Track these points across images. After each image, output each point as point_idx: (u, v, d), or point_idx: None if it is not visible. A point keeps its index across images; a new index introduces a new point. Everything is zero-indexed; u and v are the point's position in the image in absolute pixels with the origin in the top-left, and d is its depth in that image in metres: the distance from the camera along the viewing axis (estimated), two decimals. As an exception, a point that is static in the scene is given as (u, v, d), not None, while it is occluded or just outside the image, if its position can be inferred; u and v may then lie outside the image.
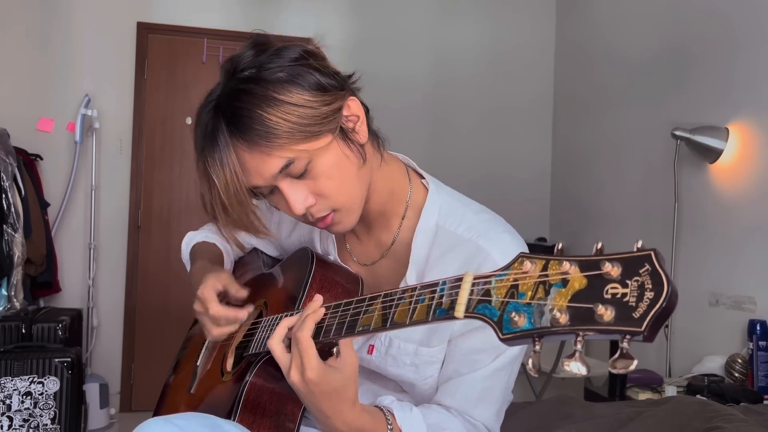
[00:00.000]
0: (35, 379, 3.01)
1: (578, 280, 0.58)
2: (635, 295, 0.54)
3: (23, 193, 3.51)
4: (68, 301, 3.93)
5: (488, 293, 0.66)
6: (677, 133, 3.14)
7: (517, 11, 4.68)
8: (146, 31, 4.13)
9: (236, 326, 1.14)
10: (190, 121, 4.16)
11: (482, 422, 1.07)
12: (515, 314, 0.61)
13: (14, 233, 3.38)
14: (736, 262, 3.00)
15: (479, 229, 1.05)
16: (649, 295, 0.53)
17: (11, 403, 2.97)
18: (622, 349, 0.54)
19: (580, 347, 0.56)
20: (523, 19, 4.69)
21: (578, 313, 0.57)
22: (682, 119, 3.29)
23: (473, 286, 0.68)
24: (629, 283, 0.55)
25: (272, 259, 1.38)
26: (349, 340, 0.93)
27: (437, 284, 0.75)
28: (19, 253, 3.39)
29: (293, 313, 0.99)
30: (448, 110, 4.57)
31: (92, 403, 3.55)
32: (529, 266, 0.62)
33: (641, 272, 0.55)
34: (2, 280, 3.35)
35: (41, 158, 3.89)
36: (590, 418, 1.98)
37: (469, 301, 0.68)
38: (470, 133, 4.58)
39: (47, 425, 3.00)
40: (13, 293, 3.39)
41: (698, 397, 2.51)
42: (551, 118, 4.73)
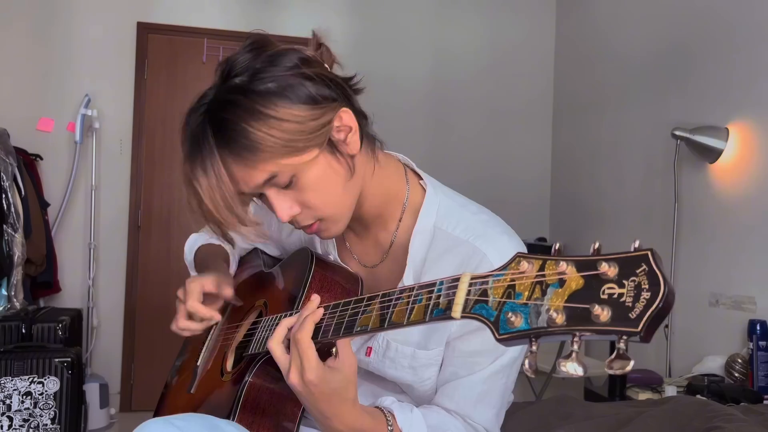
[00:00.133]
0: (35, 379, 3.01)
1: (575, 280, 0.57)
2: (632, 295, 0.54)
3: (23, 193, 3.51)
4: (68, 301, 3.93)
5: (485, 293, 0.66)
6: (677, 133, 3.14)
7: (517, 11, 4.68)
8: (146, 31, 4.13)
9: (204, 326, 1.16)
10: (189, 121, 4.16)
11: (482, 425, 1.07)
12: (512, 314, 0.61)
13: (14, 233, 3.38)
14: (736, 262, 3.00)
15: (476, 230, 1.05)
16: (645, 295, 0.53)
17: (11, 403, 2.97)
18: (618, 349, 0.54)
19: (576, 348, 0.55)
20: (523, 19, 4.69)
21: (575, 313, 0.56)
22: (682, 119, 3.29)
23: (470, 286, 0.68)
24: (626, 283, 0.55)
25: (272, 258, 1.38)
26: (347, 340, 0.93)
27: (434, 284, 0.75)
28: (19, 253, 3.39)
29: (293, 313, 0.99)
30: (448, 110, 4.57)
31: (92, 403, 3.55)
32: (526, 266, 0.62)
33: (638, 272, 0.54)
34: (2, 280, 3.35)
35: (41, 158, 3.89)
36: (590, 418, 1.98)
37: (466, 301, 0.68)
38: (470, 133, 4.58)
39: (47, 425, 3.00)
40: (13, 293, 3.39)
41: (698, 397, 2.51)
42: (551, 117, 4.73)
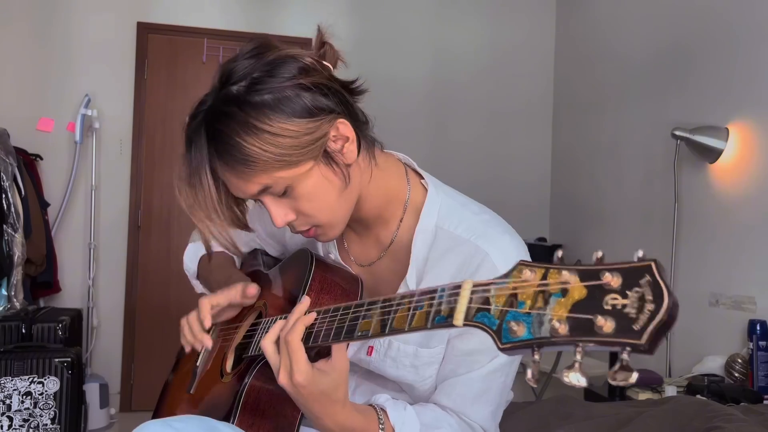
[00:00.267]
0: (35, 379, 3.00)
1: (578, 290, 0.57)
2: (635, 306, 0.54)
3: (23, 193, 3.51)
4: (68, 301, 3.93)
5: (487, 301, 0.65)
6: (677, 133, 3.14)
7: (517, 11, 4.67)
8: (146, 31, 4.12)
9: (196, 341, 1.15)
10: (189, 121, 4.16)
11: (478, 422, 1.07)
12: (514, 323, 0.61)
13: (14, 233, 3.38)
14: (736, 262, 2.99)
15: (478, 229, 1.05)
16: (649, 307, 0.53)
17: (11, 403, 2.97)
18: (622, 360, 0.53)
19: (579, 358, 0.55)
20: (523, 19, 4.68)
21: (578, 323, 0.56)
22: (682, 119, 3.29)
23: (472, 293, 0.68)
24: (629, 294, 0.54)
25: (272, 259, 1.38)
26: (343, 344, 0.93)
27: (436, 291, 0.75)
28: (19, 253, 3.38)
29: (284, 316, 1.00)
30: (448, 110, 4.56)
31: (92, 403, 3.55)
32: (528, 274, 0.61)
33: (641, 283, 0.54)
34: (2, 280, 3.35)
35: (41, 158, 3.89)
36: (590, 418, 1.98)
37: (468, 309, 0.67)
38: (470, 133, 4.58)
39: (47, 425, 3.00)
40: (13, 293, 3.39)
41: (698, 397, 2.51)
42: (551, 117, 4.73)
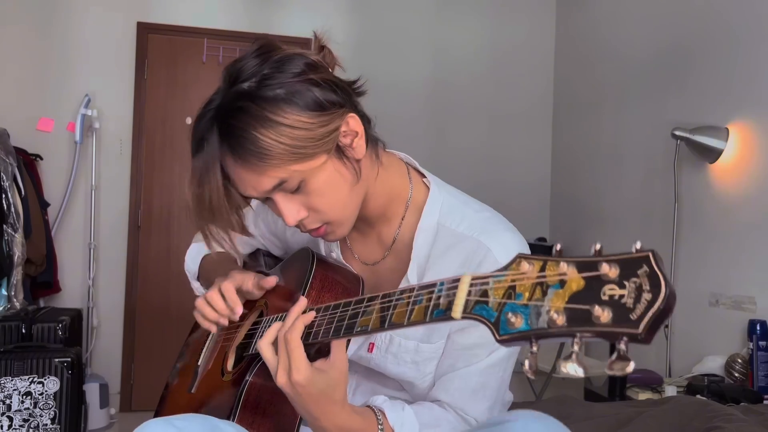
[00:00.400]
0: (35, 379, 3.00)
1: (576, 281, 0.57)
2: (633, 296, 0.54)
3: (23, 193, 3.51)
4: (68, 301, 3.93)
5: (486, 294, 0.66)
6: (677, 133, 3.14)
7: (517, 11, 4.67)
8: (146, 31, 4.12)
9: (221, 317, 1.13)
10: (190, 120, 4.16)
11: (474, 417, 1.07)
12: (512, 315, 0.61)
13: (14, 233, 3.38)
14: (736, 262, 3.00)
15: (480, 226, 1.06)
16: (646, 296, 0.53)
17: (11, 403, 2.96)
18: (619, 350, 0.53)
19: (577, 349, 0.55)
20: (522, 20, 4.69)
21: (575, 314, 0.56)
22: (682, 119, 3.29)
23: (471, 286, 0.68)
24: (627, 284, 0.55)
25: (274, 259, 1.38)
26: (342, 342, 0.93)
27: (435, 285, 0.75)
28: (19, 253, 3.38)
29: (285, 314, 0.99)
30: (448, 111, 4.56)
31: (92, 403, 3.55)
32: (526, 267, 0.62)
33: (639, 273, 0.54)
34: (2, 280, 3.35)
35: (41, 158, 3.89)
36: (590, 418, 1.98)
37: (466, 302, 0.68)
38: (470, 133, 4.58)
39: (47, 425, 2.99)
40: (13, 293, 3.39)
41: (698, 397, 2.51)
42: (551, 118, 4.73)
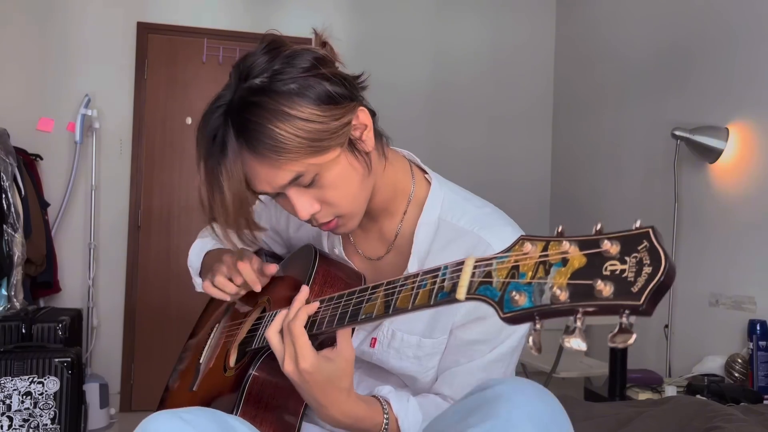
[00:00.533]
0: (35, 379, 3.00)
1: (578, 258, 0.58)
2: (633, 270, 0.55)
3: (23, 193, 3.51)
4: (68, 301, 3.93)
5: (489, 275, 0.66)
6: (677, 133, 3.15)
7: (516, 12, 4.68)
8: (146, 31, 4.13)
9: (238, 291, 1.14)
10: (190, 121, 4.16)
11: None
12: (516, 293, 0.62)
13: (14, 233, 3.38)
14: (735, 262, 3.00)
15: (481, 221, 1.07)
16: (647, 270, 0.54)
17: (11, 403, 2.96)
18: (621, 323, 0.54)
19: (579, 324, 0.56)
20: (522, 20, 4.69)
21: (578, 289, 0.57)
22: (682, 119, 3.30)
23: (475, 268, 0.69)
24: (628, 259, 0.56)
25: (276, 257, 1.38)
26: (347, 332, 0.94)
27: (439, 269, 0.76)
28: (19, 253, 3.38)
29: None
30: (448, 112, 4.57)
31: (92, 403, 3.54)
32: (529, 247, 0.63)
33: (639, 249, 0.55)
34: (2, 280, 3.35)
35: (41, 158, 3.89)
36: (590, 418, 1.98)
37: (470, 283, 0.68)
38: (470, 134, 4.58)
39: (47, 425, 2.99)
40: (13, 293, 3.39)
41: (698, 397, 2.51)
42: (551, 118, 4.74)
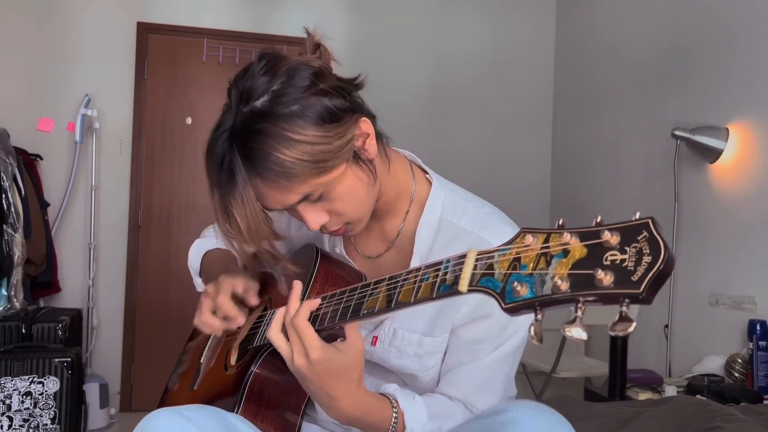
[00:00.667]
0: (35, 379, 3.00)
1: (578, 249, 0.59)
2: (633, 260, 0.56)
3: (23, 193, 3.51)
4: (68, 301, 3.93)
5: (491, 267, 0.67)
6: (677, 133, 3.15)
7: (516, 12, 4.69)
8: (146, 31, 4.13)
9: (226, 326, 1.13)
10: (190, 121, 4.17)
11: (482, 410, 1.08)
12: (517, 284, 0.62)
13: (14, 233, 3.38)
14: (735, 262, 3.00)
15: (481, 221, 1.08)
16: (647, 259, 0.55)
17: (11, 403, 2.96)
18: (621, 312, 0.55)
19: (580, 314, 0.57)
20: (522, 19, 4.70)
21: (579, 279, 0.58)
22: (682, 119, 3.30)
23: (477, 261, 0.70)
24: (628, 249, 0.56)
25: None
26: (355, 325, 0.94)
27: (441, 263, 0.76)
28: (19, 253, 3.39)
29: None
30: (448, 112, 4.57)
31: (92, 403, 3.55)
32: (531, 240, 0.63)
33: (639, 239, 0.56)
34: (2, 280, 3.35)
35: (41, 158, 3.89)
36: (590, 418, 1.99)
37: (472, 275, 0.69)
38: (470, 135, 4.59)
39: (47, 425, 2.99)
40: (13, 293, 3.39)
41: (698, 397, 2.51)
42: (551, 118, 4.74)
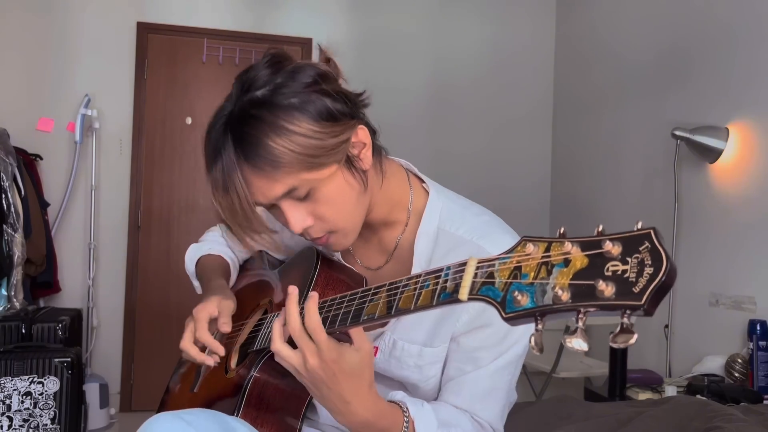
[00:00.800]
0: (35, 379, 3.00)
1: (580, 259, 0.59)
2: (635, 271, 0.55)
3: (23, 193, 3.51)
4: (68, 301, 3.93)
5: (492, 276, 0.67)
6: (677, 133, 3.15)
7: (516, 13, 4.68)
8: (146, 31, 4.13)
9: (202, 359, 1.12)
10: (190, 121, 4.16)
11: (488, 421, 1.08)
12: (518, 294, 0.62)
13: (14, 233, 3.38)
14: (735, 262, 3.00)
15: (480, 230, 1.07)
16: (648, 270, 0.54)
17: (11, 403, 2.96)
18: (622, 324, 0.55)
19: (581, 324, 0.57)
20: (522, 20, 4.70)
21: (580, 290, 0.57)
22: (682, 119, 3.30)
23: (477, 269, 0.69)
24: (629, 260, 0.56)
25: (278, 261, 1.38)
26: (360, 329, 0.93)
27: (442, 270, 0.76)
28: (19, 253, 3.39)
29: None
30: (448, 113, 4.57)
31: (92, 403, 3.55)
32: (531, 248, 0.63)
33: (641, 249, 0.56)
34: (2, 280, 3.35)
35: (41, 158, 3.89)
36: (590, 418, 1.99)
37: (473, 283, 0.69)
38: (470, 135, 4.59)
39: (47, 425, 2.99)
40: (13, 293, 3.39)
41: (698, 397, 2.51)
42: (551, 119, 4.74)
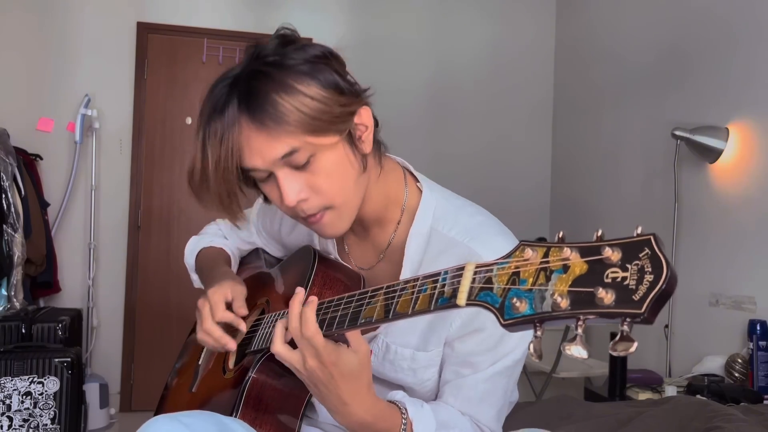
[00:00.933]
0: (35, 379, 3.00)
1: (579, 265, 0.58)
2: (635, 278, 0.55)
3: (23, 193, 3.51)
4: (68, 301, 3.93)
5: (490, 281, 0.66)
6: (677, 133, 3.14)
7: (516, 15, 4.68)
8: (146, 31, 4.13)
9: (226, 341, 1.10)
10: (190, 121, 4.16)
11: (485, 424, 1.07)
12: (517, 300, 0.61)
13: (14, 233, 3.38)
14: (735, 262, 3.00)
15: (472, 232, 1.05)
16: (648, 278, 0.54)
17: (11, 403, 2.96)
18: (622, 331, 0.54)
19: (581, 331, 0.56)
20: (523, 21, 4.69)
21: (579, 297, 0.57)
22: (682, 119, 3.30)
23: (475, 274, 0.69)
24: (629, 267, 0.55)
25: (275, 259, 1.38)
26: (357, 332, 0.93)
27: (439, 274, 0.75)
28: (19, 253, 3.38)
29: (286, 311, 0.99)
30: (448, 114, 4.57)
31: (92, 403, 3.55)
32: (530, 254, 0.62)
33: (641, 256, 0.55)
34: (2, 280, 3.35)
35: (41, 158, 3.89)
36: (590, 418, 1.98)
37: (470, 289, 0.68)
38: (470, 135, 4.58)
39: (47, 425, 2.99)
40: (13, 293, 3.39)
41: (698, 397, 2.51)
42: (551, 119, 4.73)
